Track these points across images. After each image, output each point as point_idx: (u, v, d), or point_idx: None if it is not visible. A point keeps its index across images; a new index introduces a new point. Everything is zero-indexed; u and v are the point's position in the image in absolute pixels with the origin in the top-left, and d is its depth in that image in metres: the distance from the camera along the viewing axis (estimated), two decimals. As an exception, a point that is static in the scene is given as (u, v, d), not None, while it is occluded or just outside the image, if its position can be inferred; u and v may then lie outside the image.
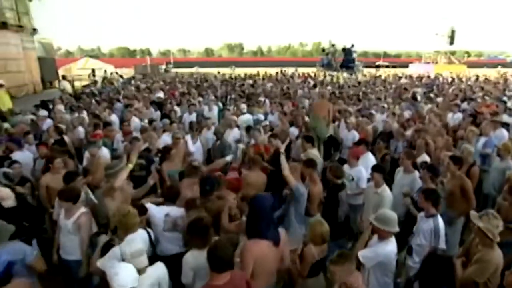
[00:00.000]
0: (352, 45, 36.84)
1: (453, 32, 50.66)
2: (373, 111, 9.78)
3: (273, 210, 3.19)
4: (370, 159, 6.25)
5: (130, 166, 4.54)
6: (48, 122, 9.02)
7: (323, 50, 38.75)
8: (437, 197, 4.11)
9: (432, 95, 13.89)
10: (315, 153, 6.45)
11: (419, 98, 13.31)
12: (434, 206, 4.08)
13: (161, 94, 13.03)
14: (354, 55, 36.12)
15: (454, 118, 10.09)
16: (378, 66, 55.16)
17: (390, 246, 3.45)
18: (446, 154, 6.02)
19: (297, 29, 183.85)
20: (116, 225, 3.36)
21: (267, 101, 12.28)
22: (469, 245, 3.75)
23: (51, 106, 11.14)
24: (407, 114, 10.16)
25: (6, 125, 8.47)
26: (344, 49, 36.92)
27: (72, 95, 13.35)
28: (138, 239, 3.16)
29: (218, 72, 28.31)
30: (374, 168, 4.99)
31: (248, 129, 7.89)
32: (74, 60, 42.42)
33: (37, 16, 24.16)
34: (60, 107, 9.43)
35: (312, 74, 26.86)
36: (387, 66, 57.50)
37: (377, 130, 9.10)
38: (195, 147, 7.51)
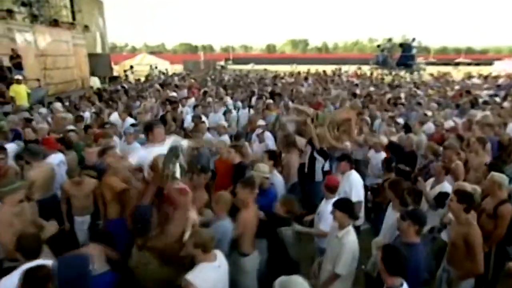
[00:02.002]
0: (413, 39, 33.03)
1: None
2: (400, 120, 8.26)
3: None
4: (353, 181, 4.95)
5: None
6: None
7: (378, 46, 35.51)
8: (399, 264, 2.85)
9: (498, 99, 11.63)
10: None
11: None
12: (395, 273, 2.83)
13: (175, 93, 12.61)
14: (414, 51, 32.26)
15: (516, 130, 8.17)
16: (457, 64, 50.16)
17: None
18: (460, 184, 4.55)
19: (366, 24, 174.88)
20: None
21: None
22: None
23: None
24: (451, 123, 8.41)
25: (2, 122, 8.45)
26: (401, 44, 33.31)
27: (95, 92, 13.54)
28: None
29: (265, 69, 27.57)
30: (336, 204, 3.78)
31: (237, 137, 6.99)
32: (130, 57, 44.61)
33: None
34: (57, 105, 9.37)
35: (369, 73, 24.77)
36: (469, 64, 52.17)
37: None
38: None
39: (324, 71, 24.43)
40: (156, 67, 29.66)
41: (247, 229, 3.78)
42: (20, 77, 11.30)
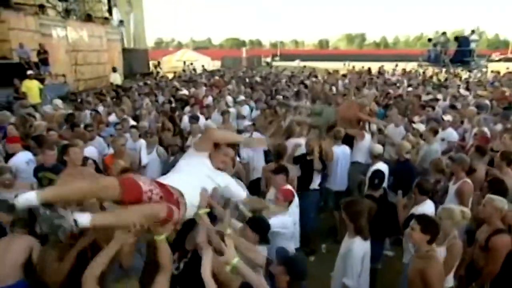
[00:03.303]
0: (472, 32, 30.02)
1: None
2: (420, 125, 7.60)
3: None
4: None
5: None
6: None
7: (429, 40, 32.80)
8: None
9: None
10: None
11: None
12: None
13: (186, 92, 12.66)
14: (473, 46, 29.18)
15: None
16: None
17: None
18: (444, 208, 3.96)
19: (433, 15, 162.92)
20: None
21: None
22: None
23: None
24: (486, 130, 7.52)
25: None
26: (457, 38, 30.46)
27: (113, 89, 14.04)
28: None
29: (304, 67, 27.12)
30: (249, 221, 3.35)
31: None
32: (171, 52, 45.94)
33: (152, 9, 26.55)
34: (58, 102, 9.74)
35: (421, 71, 23.25)
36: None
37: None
38: (149, 158, 6.73)
39: (369, 69, 23.37)
40: (191, 63, 30.32)
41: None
42: (32, 73, 11.92)
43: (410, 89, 13.71)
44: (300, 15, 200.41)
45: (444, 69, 24.52)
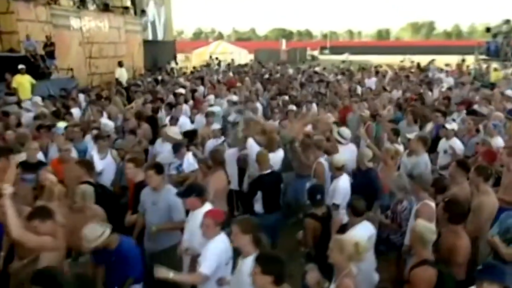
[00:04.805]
0: None
1: None
2: (410, 135, 7.23)
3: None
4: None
5: None
6: (29, 115, 9.81)
7: (488, 30, 30.17)
8: None
9: None
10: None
11: None
12: None
13: (183, 90, 12.86)
14: None
15: None
16: None
17: None
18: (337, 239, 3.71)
19: None
20: None
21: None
22: None
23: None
24: (499, 141, 7.01)
25: None
26: None
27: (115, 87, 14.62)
28: None
29: (343, 62, 26.59)
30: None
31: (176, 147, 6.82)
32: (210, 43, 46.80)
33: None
34: (38, 99, 10.24)
35: (477, 66, 21.87)
36: None
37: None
38: (104, 164, 6.88)
39: (418, 64, 22.35)
40: (216, 58, 30.76)
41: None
42: (23, 67, 12.62)
43: (443, 89, 13.03)
44: (357, 1, 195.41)
45: (508, 63, 22.70)
